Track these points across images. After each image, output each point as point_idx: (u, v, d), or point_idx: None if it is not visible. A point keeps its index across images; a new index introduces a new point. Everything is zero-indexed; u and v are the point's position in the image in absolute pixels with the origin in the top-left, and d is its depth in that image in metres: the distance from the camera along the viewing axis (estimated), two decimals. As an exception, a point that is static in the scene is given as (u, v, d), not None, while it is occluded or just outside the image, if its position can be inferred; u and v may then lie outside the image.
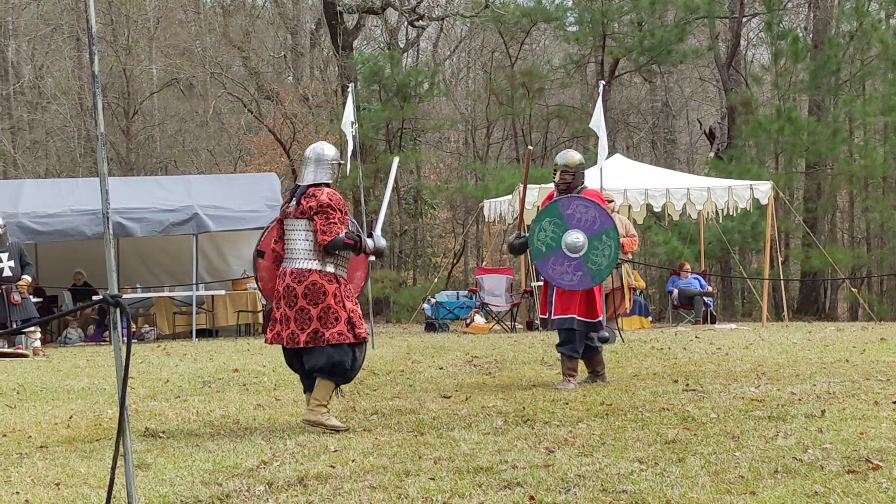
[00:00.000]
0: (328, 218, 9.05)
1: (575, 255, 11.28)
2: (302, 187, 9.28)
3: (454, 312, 24.59)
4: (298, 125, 35.75)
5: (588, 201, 11.40)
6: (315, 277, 9.06)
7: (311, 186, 9.24)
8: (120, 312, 5.86)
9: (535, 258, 11.60)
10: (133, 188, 23.86)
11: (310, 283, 9.06)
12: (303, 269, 9.10)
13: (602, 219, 11.32)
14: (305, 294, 9.05)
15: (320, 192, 9.15)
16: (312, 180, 9.28)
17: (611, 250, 11.27)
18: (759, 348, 15.27)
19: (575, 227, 11.34)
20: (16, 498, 6.79)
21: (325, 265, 9.11)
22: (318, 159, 9.34)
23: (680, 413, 9.03)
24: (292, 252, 9.20)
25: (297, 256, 9.16)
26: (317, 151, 9.40)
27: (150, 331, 23.32)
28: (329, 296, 9.05)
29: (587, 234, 11.29)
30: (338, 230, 9.04)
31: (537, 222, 11.56)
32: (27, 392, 12.48)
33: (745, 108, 33.96)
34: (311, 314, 9.03)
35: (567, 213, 11.38)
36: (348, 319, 9.07)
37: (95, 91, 6.05)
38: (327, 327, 9.01)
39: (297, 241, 9.18)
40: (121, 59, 36.38)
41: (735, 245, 31.23)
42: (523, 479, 6.71)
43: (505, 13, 35.64)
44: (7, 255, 18.91)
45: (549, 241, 11.39)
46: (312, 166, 9.32)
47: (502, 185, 29.81)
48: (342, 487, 6.67)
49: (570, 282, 11.29)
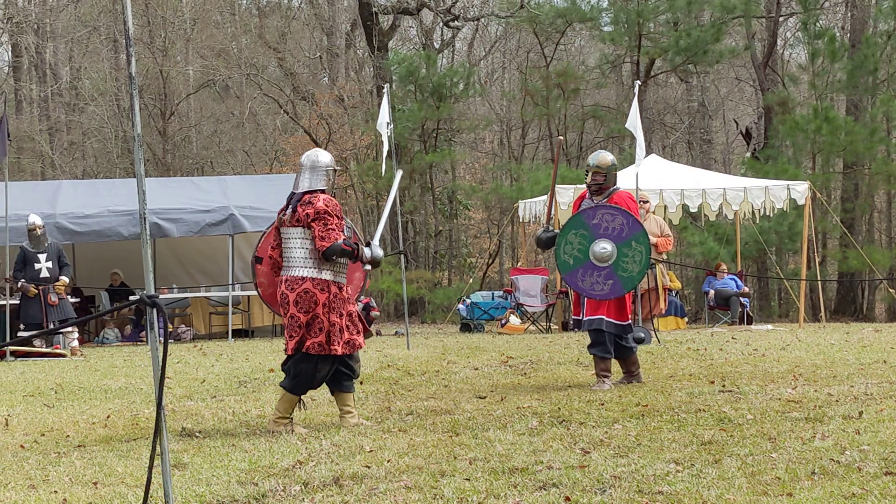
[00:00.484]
0: (326, 224, 9.07)
1: (604, 265, 11.23)
2: (297, 194, 9.29)
3: (489, 313, 24.58)
4: (334, 126, 35.80)
5: (614, 209, 11.33)
6: (308, 285, 9.10)
7: (306, 193, 9.26)
8: (157, 313, 5.88)
9: (563, 271, 11.53)
10: (169, 189, 23.97)
11: (302, 291, 9.09)
12: (297, 276, 9.13)
13: (630, 225, 11.25)
14: (297, 301, 9.09)
15: (316, 199, 9.16)
16: (307, 187, 9.29)
17: (642, 255, 11.21)
18: (796, 349, 15.21)
19: (602, 237, 11.28)
20: (54, 497, 6.82)
21: (321, 272, 9.12)
22: (314, 166, 9.36)
23: (716, 414, 9.00)
24: (289, 260, 9.23)
25: (294, 264, 9.19)
26: (312, 158, 9.43)
27: (187, 331, 23.41)
28: (319, 305, 9.08)
29: (616, 243, 11.24)
30: (336, 236, 9.06)
31: (563, 235, 11.48)
32: (65, 392, 12.55)
33: (782, 107, 33.79)
34: (301, 322, 9.08)
35: (593, 223, 11.32)
36: (328, 332, 9.08)
37: (132, 92, 6.08)
38: (311, 336, 9.07)
39: (293, 250, 9.22)
40: (157, 61, 36.52)
41: (772, 246, 31.07)
42: (559, 480, 6.70)
43: (540, 13, 35.58)
44: (45, 255, 19.04)
45: (575, 254, 11.35)
46: (308, 173, 9.34)
47: (537, 187, 29.75)
48: (377, 487, 6.68)
49: (602, 291, 11.25)
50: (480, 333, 23.35)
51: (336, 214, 9.15)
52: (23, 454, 8.39)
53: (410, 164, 34.70)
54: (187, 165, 38.56)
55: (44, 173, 38.07)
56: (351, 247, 9.13)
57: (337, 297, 9.16)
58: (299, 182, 9.34)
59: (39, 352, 18.40)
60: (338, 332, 9.11)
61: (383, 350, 17.54)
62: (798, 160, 33.10)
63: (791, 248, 32.29)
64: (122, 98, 37.62)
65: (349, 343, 9.20)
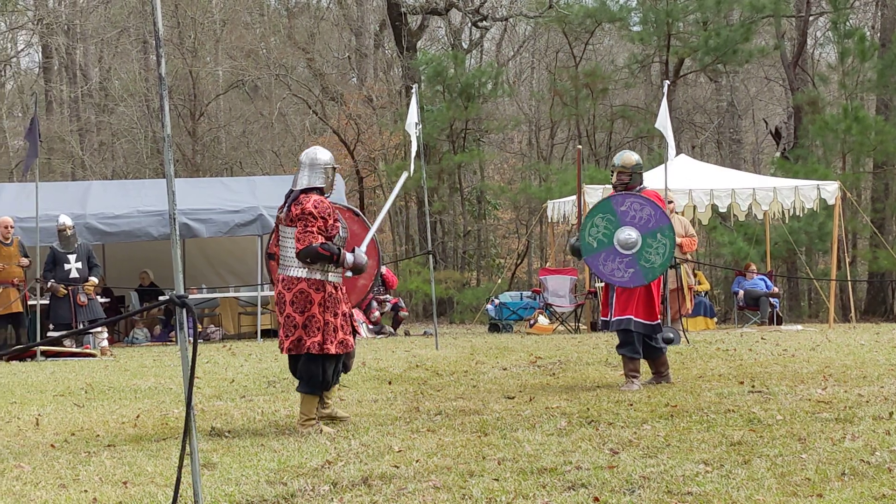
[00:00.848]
0: (306, 226, 9.06)
1: (628, 252, 11.23)
2: (295, 192, 9.30)
3: (518, 313, 24.56)
4: (362, 126, 35.84)
5: (643, 199, 11.34)
6: (303, 286, 9.11)
7: (302, 192, 9.27)
8: (186, 313, 5.90)
9: (586, 253, 11.52)
10: (199, 189, 24.03)
11: (298, 291, 9.10)
12: (293, 276, 9.14)
13: (658, 217, 11.25)
14: (293, 301, 9.11)
15: (307, 200, 9.16)
16: (305, 185, 9.31)
17: (666, 249, 11.19)
18: (826, 350, 15.15)
19: (628, 224, 11.29)
20: (84, 496, 6.85)
21: (312, 273, 9.12)
22: (312, 164, 9.37)
23: (746, 415, 8.98)
24: (284, 259, 9.26)
25: (289, 264, 9.20)
26: (310, 156, 9.44)
27: (216, 331, 23.46)
28: (315, 305, 9.10)
29: (641, 232, 11.23)
30: (311, 239, 9.02)
31: (589, 217, 11.53)
32: (95, 391, 12.60)
33: (812, 107, 33.67)
34: (297, 321, 9.10)
35: (621, 209, 11.33)
36: (323, 332, 9.10)
37: (162, 93, 6.10)
38: (309, 336, 9.09)
39: (287, 249, 9.24)
40: (187, 62, 36.63)
41: (801, 246, 30.95)
42: (587, 481, 6.69)
43: (569, 13, 35.54)
44: (75, 256, 19.11)
45: (600, 237, 11.36)
46: (307, 171, 9.36)
47: (566, 187, 29.71)
48: (406, 487, 6.68)
49: (622, 279, 11.25)
50: (509, 334, 23.34)
51: (322, 216, 9.10)
52: (53, 454, 8.43)
53: (439, 165, 34.74)
54: (217, 166, 38.66)
55: (74, 174, 38.25)
56: (330, 251, 9.06)
57: (332, 296, 9.16)
58: (298, 179, 9.35)
59: (70, 352, 18.47)
60: (332, 331, 9.14)
61: (412, 350, 17.54)
62: (828, 160, 32.98)
63: (821, 249, 32.17)
64: (151, 99, 37.74)
65: (342, 343, 9.21)
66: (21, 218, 20.74)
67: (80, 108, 40.31)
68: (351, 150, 35.58)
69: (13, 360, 17.56)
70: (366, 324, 23.17)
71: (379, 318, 23.76)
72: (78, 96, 40.05)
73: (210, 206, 22.81)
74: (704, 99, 41.74)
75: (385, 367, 14.28)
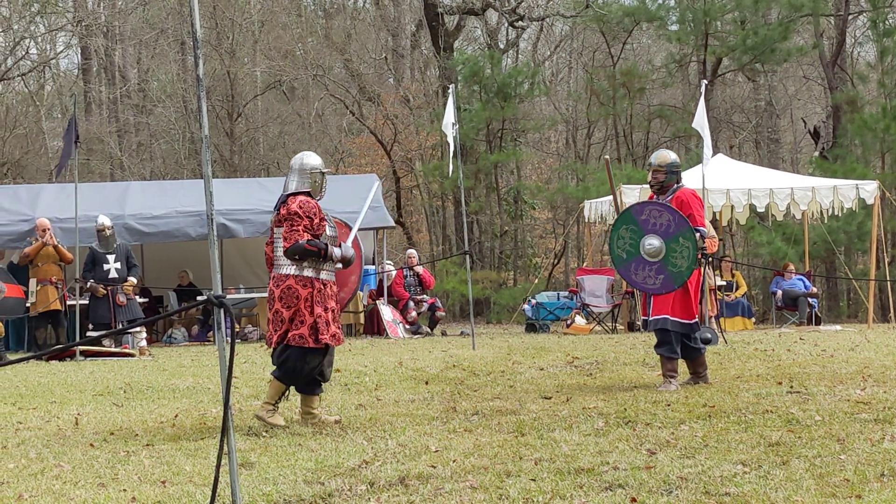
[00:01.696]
0: (292, 225, 9.37)
1: (655, 260, 11.28)
2: (282, 196, 9.63)
3: (554, 313, 24.53)
4: (399, 126, 35.88)
5: (660, 205, 11.39)
6: (291, 282, 9.41)
7: (290, 195, 9.56)
8: (224, 313, 5.92)
9: (618, 265, 11.70)
10: (236, 190, 24.12)
11: (285, 287, 9.41)
12: (282, 274, 9.47)
13: (676, 221, 11.27)
14: (281, 297, 9.43)
15: (292, 201, 9.47)
16: (293, 189, 9.62)
17: (689, 251, 11.21)
18: (865, 350, 15.07)
19: (651, 233, 11.34)
20: (123, 495, 6.89)
21: (302, 270, 9.43)
22: (300, 169, 9.70)
23: (784, 415, 8.94)
24: (277, 258, 9.57)
25: (279, 262, 9.52)
26: (299, 161, 9.78)
27: (254, 331, 23.54)
28: (301, 300, 9.38)
29: (664, 238, 11.26)
30: (297, 237, 9.31)
31: (615, 230, 11.68)
32: (134, 391, 12.66)
33: (851, 106, 33.47)
34: (284, 316, 9.41)
35: (641, 218, 11.40)
36: (313, 324, 9.36)
37: (200, 94, 6.12)
38: (293, 328, 9.38)
39: (277, 249, 9.56)
40: (224, 63, 36.77)
41: (840, 245, 30.78)
42: (625, 481, 6.68)
43: (606, 13, 35.47)
44: (114, 256, 19.22)
45: (628, 248, 11.47)
46: (295, 176, 9.67)
47: (603, 187, 29.61)
48: (443, 487, 6.69)
49: (654, 286, 11.32)
50: (546, 334, 23.31)
51: (308, 215, 9.40)
52: (92, 453, 8.47)
53: (476, 165, 34.71)
54: (254, 166, 38.78)
55: (112, 175, 38.43)
56: (316, 246, 9.35)
57: (321, 292, 9.45)
58: (287, 184, 9.67)
59: (108, 351, 18.56)
60: (324, 324, 9.40)
61: (449, 350, 17.55)
62: (867, 159, 32.78)
63: (860, 248, 31.98)
64: (189, 100, 37.89)
65: (335, 336, 9.50)
66: (60, 219, 20.89)
67: (118, 109, 40.54)
68: (388, 151, 35.63)
69: (53, 360, 17.68)
70: (402, 324, 23.20)
71: (416, 318, 23.79)
72: (116, 97, 40.29)
73: (247, 206, 22.90)
74: (742, 98, 41.57)
75: (422, 367, 14.30)
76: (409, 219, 38.26)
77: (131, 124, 40.55)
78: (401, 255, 30.85)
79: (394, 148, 35.69)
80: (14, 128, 40.01)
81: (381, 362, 15.13)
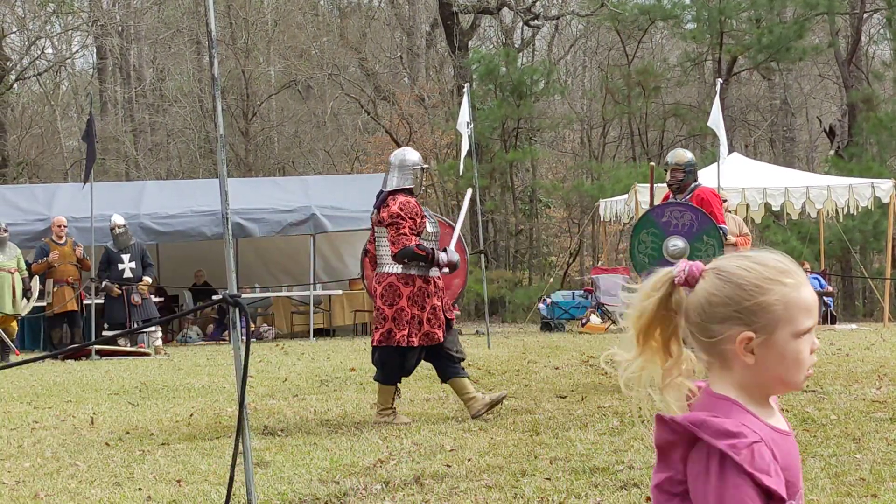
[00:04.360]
0: (398, 229, 9.28)
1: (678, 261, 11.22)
2: (384, 194, 9.53)
3: (570, 312, 24.51)
4: (414, 125, 35.91)
5: (682, 205, 11.35)
6: (392, 280, 9.36)
7: (390, 193, 9.47)
8: (239, 312, 5.93)
9: (640, 270, 11.60)
10: (252, 189, 24.14)
11: (387, 285, 9.36)
12: (384, 272, 9.43)
13: (699, 220, 11.24)
14: (382, 295, 9.37)
15: (394, 202, 9.39)
16: (394, 186, 9.52)
17: (714, 249, 11.17)
18: (881, 349, 15.03)
19: (673, 234, 11.30)
20: (138, 494, 6.90)
21: (408, 269, 9.38)
22: (401, 165, 9.58)
23: (800, 414, 8.92)
24: (379, 258, 9.54)
25: (382, 262, 9.49)
26: (399, 157, 9.66)
27: (269, 330, 23.56)
28: (403, 298, 9.30)
29: (688, 239, 11.23)
30: (406, 241, 9.24)
31: (635, 235, 11.66)
32: (149, 390, 12.69)
33: (866, 105, 33.42)
34: (386, 314, 9.32)
35: (663, 221, 11.36)
36: (410, 321, 9.30)
37: (215, 94, 6.13)
38: (398, 329, 9.28)
39: (380, 248, 9.51)
40: (240, 62, 36.83)
41: (856, 244, 30.73)
42: (640, 480, 6.67)
43: (621, 11, 35.44)
44: (129, 256, 19.25)
45: (650, 252, 11.42)
46: (396, 172, 9.57)
47: (618, 185, 29.64)
48: (458, 487, 6.68)
49: None
50: (561, 333, 23.29)
51: (410, 217, 9.32)
52: (108, 452, 8.49)
53: (491, 164, 34.72)
54: (269, 166, 38.84)
55: (128, 174, 38.52)
56: (425, 250, 9.30)
57: (422, 290, 9.37)
58: (387, 181, 9.57)
59: (124, 351, 18.60)
60: (416, 324, 9.32)
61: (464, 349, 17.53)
62: (883, 158, 32.74)
63: (876, 247, 31.94)
64: (204, 99, 37.97)
65: (427, 335, 9.39)
66: (76, 218, 20.92)
67: (134, 108, 40.62)
68: (403, 150, 35.62)
69: (69, 359, 17.72)
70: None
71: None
72: (132, 97, 40.37)
73: (263, 205, 22.92)
74: (758, 97, 41.52)
75: (437, 367, 14.28)
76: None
77: (147, 124, 40.62)
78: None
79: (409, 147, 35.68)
80: (30, 127, 40.15)
81: (396, 361, 15.12)
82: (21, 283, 18.84)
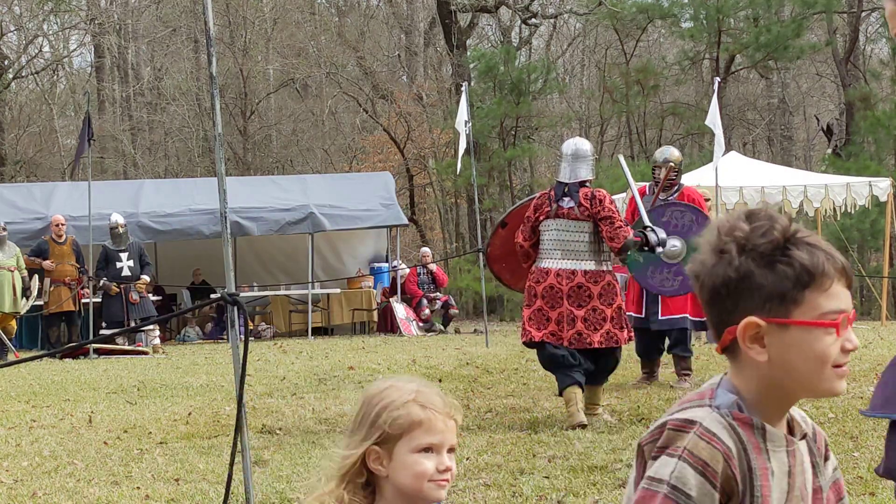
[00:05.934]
0: (613, 223, 8.97)
1: (674, 261, 11.20)
2: (573, 185, 9.16)
3: (568, 311, 24.47)
4: (413, 124, 35.90)
5: (682, 205, 11.31)
6: (609, 278, 9.11)
7: (582, 186, 9.17)
8: (237, 311, 5.93)
9: (633, 270, 11.52)
10: (250, 188, 24.14)
11: (606, 284, 9.06)
12: (569, 269, 9.02)
13: (699, 221, 11.21)
14: (601, 294, 9.04)
15: (602, 197, 9.10)
16: (584, 177, 9.19)
17: None
18: (878, 347, 15.03)
19: (671, 235, 11.26)
20: (136, 493, 6.90)
21: (600, 264, 9.13)
22: (576, 155, 9.26)
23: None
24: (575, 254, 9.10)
25: (583, 258, 9.08)
26: (573, 147, 9.33)
27: (267, 329, 23.55)
28: (618, 296, 9.12)
29: (685, 239, 11.20)
30: (625, 234, 8.97)
31: None
32: (147, 389, 12.68)
33: (864, 103, 33.43)
34: (606, 314, 9.02)
35: (663, 220, 11.30)
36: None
37: (213, 92, 6.13)
38: (620, 329, 9.07)
39: (579, 243, 9.08)
40: (238, 60, 36.83)
41: (854, 243, 30.73)
42: (638, 479, 6.66)
43: (619, 10, 35.44)
44: (127, 254, 19.26)
45: (645, 252, 11.37)
46: (578, 163, 9.22)
47: (616, 184, 29.60)
48: (457, 485, 6.68)
49: (672, 287, 11.21)
50: (559, 331, 23.25)
51: (616, 209, 9.15)
52: (106, 451, 8.49)
53: (489, 162, 34.71)
54: (267, 164, 38.85)
55: (126, 173, 38.51)
56: (640, 236, 9.14)
57: (610, 285, 9.15)
58: (569, 171, 9.21)
59: (122, 349, 18.59)
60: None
61: (462, 348, 17.54)
62: (880, 156, 32.74)
63: (873, 246, 31.94)
64: (203, 98, 37.96)
65: (608, 335, 9.08)
66: (74, 217, 20.91)
67: (131, 107, 40.62)
68: (401, 148, 35.66)
69: (66, 358, 17.71)
70: (416, 321, 23.21)
71: (429, 316, 23.79)
72: (130, 95, 40.36)
73: (261, 204, 22.91)
74: (755, 96, 41.52)
75: (435, 365, 14.29)
76: (422, 217, 38.30)
77: (145, 122, 40.63)
78: (414, 252, 30.89)
79: (407, 146, 35.72)
80: (27, 126, 40.14)
81: (394, 360, 15.13)
82: (21, 282, 18.85)
